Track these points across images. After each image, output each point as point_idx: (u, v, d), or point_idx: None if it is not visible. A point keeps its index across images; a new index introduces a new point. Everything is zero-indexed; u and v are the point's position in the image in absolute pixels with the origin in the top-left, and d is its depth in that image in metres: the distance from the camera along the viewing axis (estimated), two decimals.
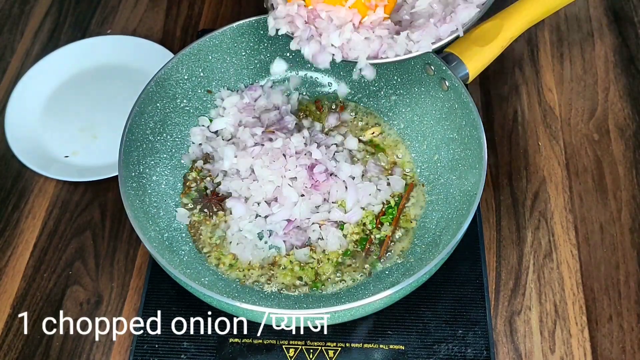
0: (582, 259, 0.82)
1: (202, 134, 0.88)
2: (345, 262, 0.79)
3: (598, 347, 0.76)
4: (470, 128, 0.77)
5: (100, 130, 0.95)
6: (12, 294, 0.81)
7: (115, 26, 1.08)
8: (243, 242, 0.80)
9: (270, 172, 0.81)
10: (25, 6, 1.12)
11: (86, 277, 0.82)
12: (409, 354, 0.74)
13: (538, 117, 0.95)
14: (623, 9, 1.06)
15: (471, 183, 0.76)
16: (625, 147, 0.91)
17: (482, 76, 0.98)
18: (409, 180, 0.85)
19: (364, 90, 0.92)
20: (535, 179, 0.89)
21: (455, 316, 0.77)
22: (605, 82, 0.98)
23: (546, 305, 0.79)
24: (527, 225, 0.85)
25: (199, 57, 0.86)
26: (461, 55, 0.81)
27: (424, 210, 0.82)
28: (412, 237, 0.81)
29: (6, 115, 0.94)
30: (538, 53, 1.02)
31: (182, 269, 0.74)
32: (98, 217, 0.87)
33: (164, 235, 0.79)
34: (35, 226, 0.86)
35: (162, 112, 0.84)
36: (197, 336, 0.76)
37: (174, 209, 0.83)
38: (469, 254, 0.81)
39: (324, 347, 0.75)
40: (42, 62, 1.00)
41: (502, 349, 0.76)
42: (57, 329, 0.78)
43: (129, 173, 0.77)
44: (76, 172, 0.89)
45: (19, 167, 0.91)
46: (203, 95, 0.89)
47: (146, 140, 0.82)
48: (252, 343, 0.75)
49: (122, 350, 0.77)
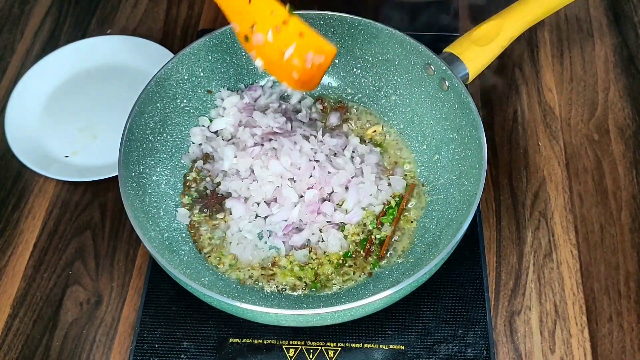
0: (582, 259, 0.82)
1: (202, 134, 0.88)
2: (346, 263, 0.79)
3: (598, 347, 0.76)
4: (470, 128, 0.77)
5: (100, 130, 0.95)
6: (12, 294, 0.81)
7: (115, 26, 1.08)
8: (243, 243, 0.80)
9: (270, 172, 0.81)
10: (25, 6, 1.12)
11: (86, 277, 0.82)
12: (409, 354, 0.74)
13: (538, 117, 0.95)
14: (623, 9, 1.06)
15: (471, 183, 0.76)
16: (625, 147, 0.91)
17: (482, 76, 0.98)
18: (409, 180, 0.85)
19: (364, 90, 0.92)
20: (535, 179, 0.89)
21: (455, 316, 0.77)
22: (605, 82, 0.98)
23: (546, 305, 0.79)
24: (527, 225, 0.85)
25: (199, 57, 0.86)
26: (461, 55, 0.81)
27: (424, 211, 0.82)
28: (412, 237, 0.81)
29: (6, 115, 0.94)
30: (538, 53, 1.02)
31: (182, 269, 0.74)
32: (98, 217, 0.87)
33: (164, 235, 0.79)
34: (35, 226, 0.87)
35: (162, 112, 0.84)
36: (197, 336, 0.76)
37: (174, 209, 0.83)
38: (469, 254, 0.81)
39: (324, 347, 0.75)
40: (42, 62, 1.00)
41: (502, 349, 0.76)
42: (57, 329, 0.78)
43: (129, 173, 0.77)
44: (76, 172, 0.89)
45: (19, 167, 0.91)
46: (203, 95, 0.89)
47: (146, 140, 0.82)
48: (252, 343, 0.76)
49: (122, 350, 0.77)
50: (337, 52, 0.73)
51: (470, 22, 1.07)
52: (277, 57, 0.73)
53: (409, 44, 0.84)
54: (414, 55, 0.84)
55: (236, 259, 0.79)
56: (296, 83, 0.75)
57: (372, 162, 0.85)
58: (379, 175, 0.84)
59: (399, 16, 1.05)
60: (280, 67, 0.74)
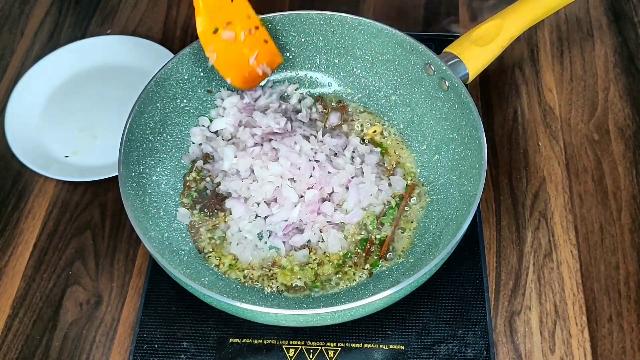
0: (582, 259, 0.82)
1: (202, 134, 0.88)
2: (346, 263, 0.79)
3: (598, 347, 0.76)
4: (470, 128, 0.77)
5: (100, 130, 0.95)
6: (12, 294, 0.81)
7: (115, 26, 1.08)
8: (243, 243, 0.80)
9: (270, 172, 0.81)
10: (25, 6, 1.12)
11: (86, 277, 0.82)
12: (409, 354, 0.74)
13: (538, 117, 0.95)
14: (623, 9, 1.06)
15: (471, 183, 0.76)
16: (625, 147, 0.91)
17: (482, 76, 0.98)
18: (409, 180, 0.85)
19: (364, 90, 0.92)
20: (535, 179, 0.89)
21: (455, 316, 0.77)
22: (605, 82, 0.98)
23: (546, 306, 0.79)
24: (527, 225, 0.85)
25: (199, 57, 0.86)
26: (461, 55, 0.81)
27: (424, 210, 0.82)
28: (412, 237, 0.81)
29: (6, 115, 0.94)
30: (538, 53, 1.02)
31: (182, 269, 0.74)
32: (98, 217, 0.87)
33: (164, 235, 0.79)
34: (35, 226, 0.87)
35: (162, 112, 0.84)
36: (197, 336, 0.76)
37: (174, 209, 0.83)
38: (469, 254, 0.81)
39: (324, 347, 0.75)
40: (42, 62, 1.00)
41: (502, 349, 0.76)
42: (57, 329, 0.78)
43: (129, 173, 0.77)
44: (76, 172, 0.89)
45: (19, 167, 0.91)
46: (203, 95, 0.89)
47: (146, 140, 0.82)
48: (252, 343, 0.76)
49: (122, 351, 0.77)
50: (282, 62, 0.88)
51: (470, 22, 1.07)
52: (237, 55, 0.83)
53: (409, 44, 0.84)
54: (414, 55, 0.84)
55: (236, 259, 0.79)
56: (241, 83, 0.85)
57: (372, 162, 0.85)
58: (379, 175, 0.84)
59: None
60: (233, 65, 0.83)
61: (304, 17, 0.87)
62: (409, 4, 1.10)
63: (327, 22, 0.87)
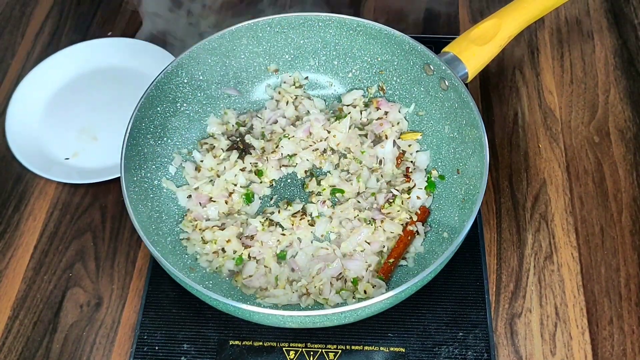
0: (582, 261, 0.82)
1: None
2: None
3: (599, 349, 0.76)
4: (471, 127, 0.77)
5: (100, 132, 0.95)
6: (12, 296, 0.81)
7: (115, 29, 1.09)
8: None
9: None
10: (26, 8, 1.12)
11: (86, 279, 0.82)
12: (410, 356, 0.74)
13: (538, 119, 0.95)
14: (623, 11, 1.06)
15: (473, 183, 0.76)
16: (625, 150, 0.91)
17: (483, 78, 0.98)
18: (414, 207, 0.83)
19: (364, 90, 0.92)
20: (535, 181, 0.89)
21: (456, 318, 0.77)
22: (606, 84, 0.98)
23: (547, 308, 0.79)
24: (528, 227, 0.85)
25: (199, 61, 0.86)
26: (460, 54, 0.81)
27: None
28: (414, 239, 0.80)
29: (7, 118, 0.94)
30: (538, 55, 1.02)
31: (186, 272, 0.74)
32: (98, 219, 0.87)
33: (167, 240, 0.79)
34: (35, 228, 0.87)
35: (162, 116, 0.84)
36: (197, 338, 0.76)
37: (177, 212, 0.83)
38: (470, 256, 0.81)
39: (324, 350, 0.75)
40: (42, 64, 1.00)
41: (503, 351, 0.76)
42: (57, 332, 0.78)
43: (131, 178, 0.77)
44: (76, 174, 0.89)
45: (20, 169, 0.91)
46: (203, 98, 0.89)
47: (147, 144, 0.82)
48: (252, 345, 0.75)
49: (122, 353, 0.77)
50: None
51: (468, 21, 1.07)
52: None
53: (408, 45, 0.84)
54: (413, 56, 0.84)
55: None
56: None
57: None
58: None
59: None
60: None
61: (302, 19, 0.87)
62: (409, 7, 1.10)
63: (326, 24, 0.88)
